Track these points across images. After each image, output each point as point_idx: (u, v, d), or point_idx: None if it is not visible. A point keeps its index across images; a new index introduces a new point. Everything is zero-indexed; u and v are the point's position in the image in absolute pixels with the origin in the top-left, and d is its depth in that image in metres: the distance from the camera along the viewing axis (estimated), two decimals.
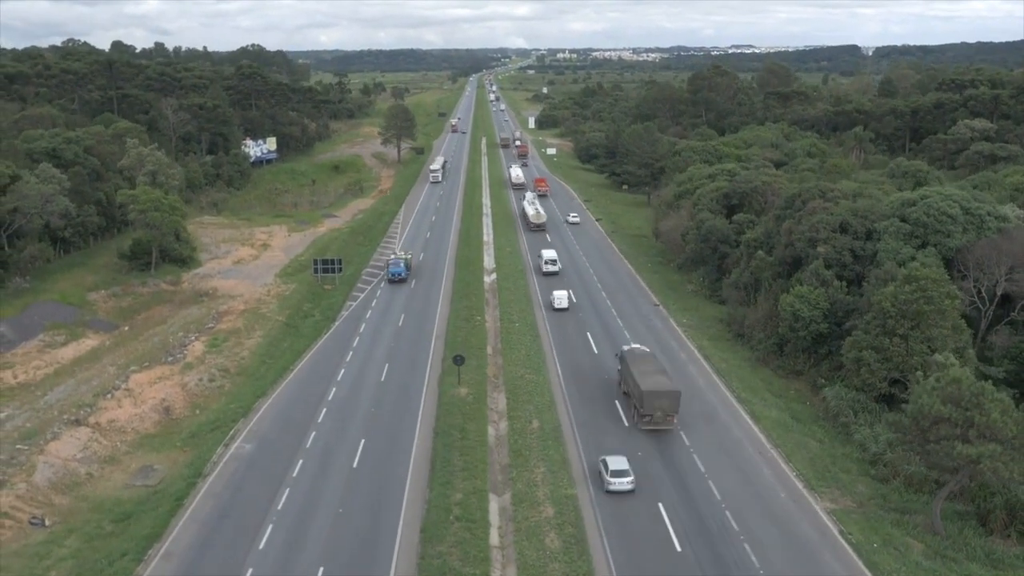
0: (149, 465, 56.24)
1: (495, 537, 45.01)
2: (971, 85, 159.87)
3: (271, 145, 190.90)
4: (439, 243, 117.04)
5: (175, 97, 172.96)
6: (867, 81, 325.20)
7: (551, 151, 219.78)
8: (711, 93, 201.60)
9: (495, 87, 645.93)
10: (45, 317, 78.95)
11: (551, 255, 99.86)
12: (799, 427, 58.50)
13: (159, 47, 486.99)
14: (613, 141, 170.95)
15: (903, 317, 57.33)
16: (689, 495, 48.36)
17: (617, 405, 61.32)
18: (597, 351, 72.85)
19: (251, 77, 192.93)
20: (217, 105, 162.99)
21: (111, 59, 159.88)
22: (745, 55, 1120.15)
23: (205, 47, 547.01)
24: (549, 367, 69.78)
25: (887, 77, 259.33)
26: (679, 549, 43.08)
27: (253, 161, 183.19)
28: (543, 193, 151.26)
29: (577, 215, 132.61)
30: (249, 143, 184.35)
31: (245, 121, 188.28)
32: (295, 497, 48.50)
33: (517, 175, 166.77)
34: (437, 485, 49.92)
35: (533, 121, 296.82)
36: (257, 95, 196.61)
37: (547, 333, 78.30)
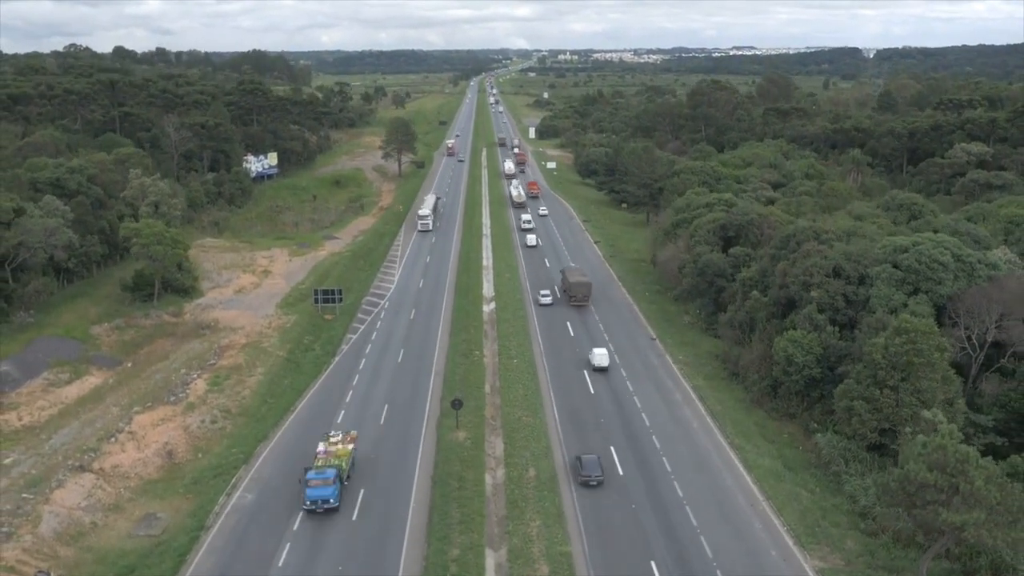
0: (152, 513, 57.22)
1: None
2: (968, 105, 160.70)
3: (272, 160, 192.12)
4: (439, 267, 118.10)
5: (177, 114, 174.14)
6: (867, 91, 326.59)
7: (551, 165, 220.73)
8: (710, 108, 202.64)
9: (495, 90, 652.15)
10: (49, 353, 79.95)
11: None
12: (791, 476, 59.46)
13: (160, 52, 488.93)
14: (613, 159, 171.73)
15: (893, 368, 58.25)
16: (682, 553, 49.32)
17: (612, 450, 62.31)
18: (594, 391, 73.83)
19: (252, 93, 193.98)
20: (219, 123, 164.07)
21: (113, 79, 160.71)
22: (746, 57, 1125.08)
23: (206, 53, 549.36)
24: (546, 408, 70.77)
25: (886, 90, 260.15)
26: None
27: (254, 177, 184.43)
28: (534, 195, 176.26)
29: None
30: (250, 159, 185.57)
31: (246, 137, 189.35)
32: (296, 552, 49.53)
33: (509, 167, 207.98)
34: (435, 540, 50.93)
35: (534, 131, 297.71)
36: (258, 111, 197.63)
37: (544, 371, 79.26)
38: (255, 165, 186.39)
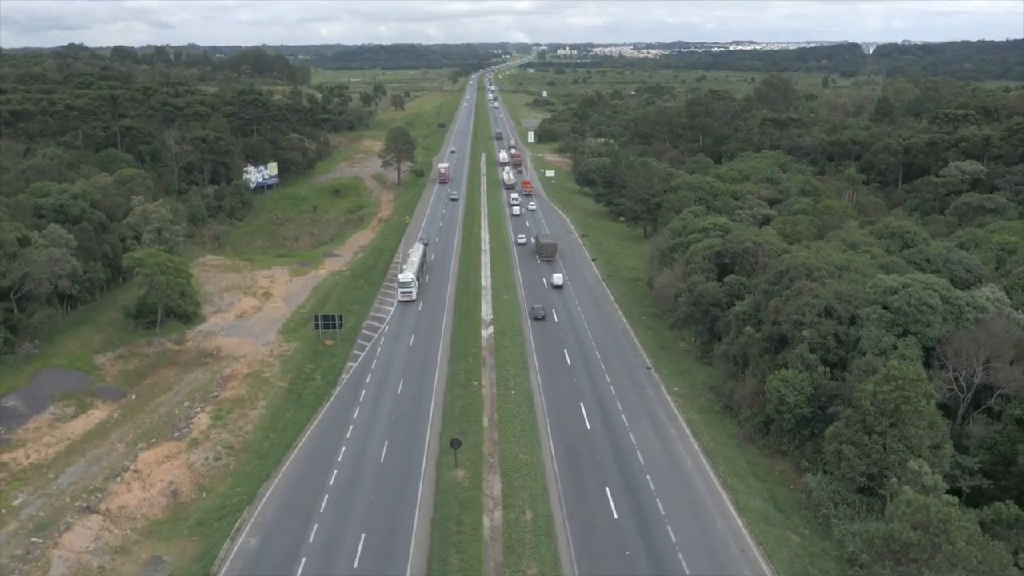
0: (158, 556, 58.67)
1: None
2: (964, 120, 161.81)
3: (272, 171, 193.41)
4: (438, 288, 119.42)
5: (177, 126, 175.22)
6: (865, 93, 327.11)
7: (550, 173, 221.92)
8: (708, 119, 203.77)
9: (493, 86, 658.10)
10: (54, 386, 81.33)
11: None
12: (781, 519, 60.94)
13: (160, 51, 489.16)
14: (611, 171, 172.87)
15: (882, 414, 59.60)
16: None
17: (607, 491, 63.72)
18: (590, 426, 75.22)
19: (252, 104, 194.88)
20: (219, 137, 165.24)
21: (114, 94, 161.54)
22: (745, 52, 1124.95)
23: (205, 50, 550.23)
24: (543, 445, 72.15)
25: (884, 96, 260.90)
26: None
27: (255, 187, 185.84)
28: (528, 193, 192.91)
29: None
30: (250, 169, 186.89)
31: (246, 148, 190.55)
32: None
33: (503, 157, 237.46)
34: None
35: (533, 136, 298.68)
36: (258, 121, 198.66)
37: (542, 403, 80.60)
38: (255, 176, 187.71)
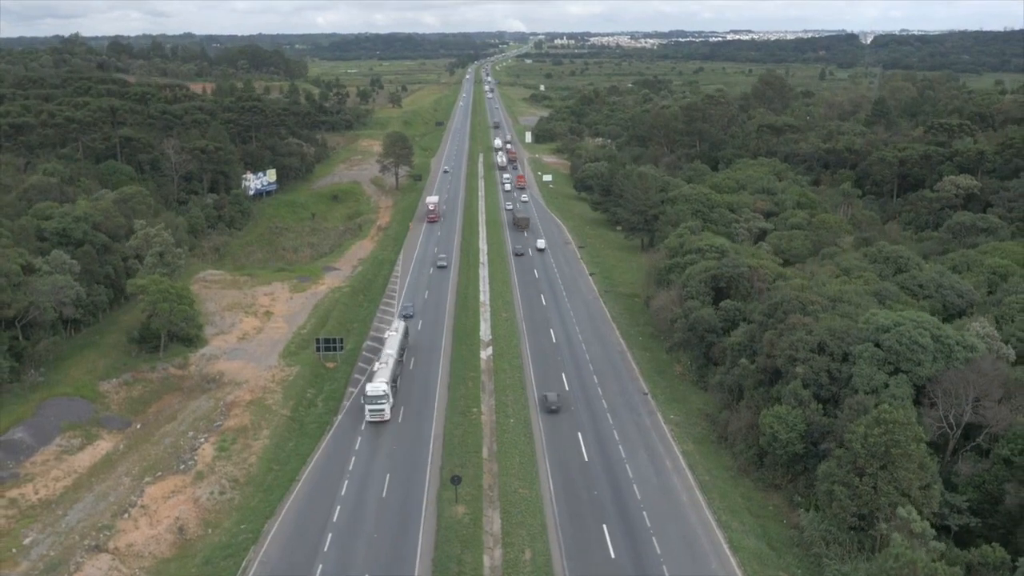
0: None
1: None
2: (959, 131, 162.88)
3: (271, 177, 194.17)
4: (436, 306, 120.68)
5: (176, 134, 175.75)
6: (862, 92, 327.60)
7: (547, 178, 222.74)
8: (705, 124, 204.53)
9: (490, 77, 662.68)
10: (60, 416, 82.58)
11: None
12: (774, 558, 62.53)
13: (156, 46, 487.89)
14: (608, 180, 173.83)
15: (872, 457, 61.09)
16: None
17: (604, 529, 65.23)
18: (587, 458, 76.67)
19: (251, 111, 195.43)
20: (219, 147, 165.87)
21: (113, 105, 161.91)
22: (743, 42, 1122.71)
23: (201, 43, 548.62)
24: (541, 478, 73.53)
25: (880, 97, 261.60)
26: None
27: (254, 194, 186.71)
28: (521, 187, 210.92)
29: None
30: (249, 176, 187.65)
31: (245, 155, 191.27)
32: None
33: (498, 144, 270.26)
34: None
35: (530, 136, 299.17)
36: (256, 127, 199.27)
37: (540, 432, 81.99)
38: (254, 183, 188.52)
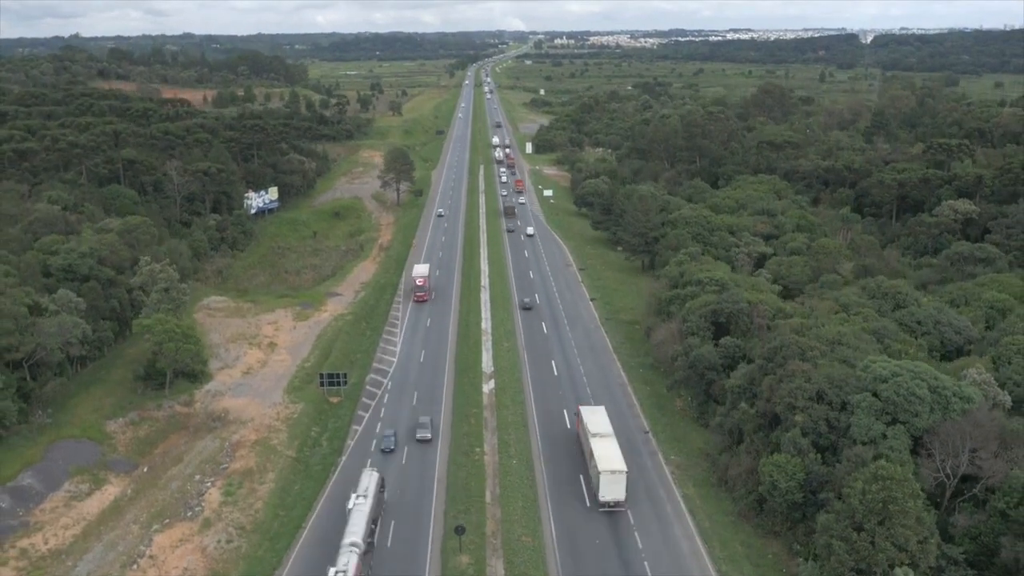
0: None
1: None
2: (958, 152, 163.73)
3: (273, 195, 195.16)
4: (439, 333, 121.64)
5: (178, 155, 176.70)
6: (862, 100, 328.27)
7: (548, 192, 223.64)
8: (705, 140, 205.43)
9: (490, 79, 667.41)
10: (68, 459, 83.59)
11: None
12: None
13: (156, 52, 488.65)
14: (609, 199, 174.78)
15: (870, 512, 62.11)
16: None
17: None
18: (589, 504, 77.64)
19: (252, 129, 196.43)
20: (221, 169, 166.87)
21: (116, 129, 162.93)
22: (743, 42, 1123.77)
23: (202, 52, 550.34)
24: (544, 525, 74.56)
25: (879, 108, 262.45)
26: None
27: (255, 212, 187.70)
28: (519, 191, 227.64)
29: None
30: (251, 195, 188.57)
31: (247, 173, 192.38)
32: None
33: (496, 142, 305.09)
34: None
35: (531, 146, 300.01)
36: (258, 146, 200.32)
37: (543, 474, 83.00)
38: (256, 201, 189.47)
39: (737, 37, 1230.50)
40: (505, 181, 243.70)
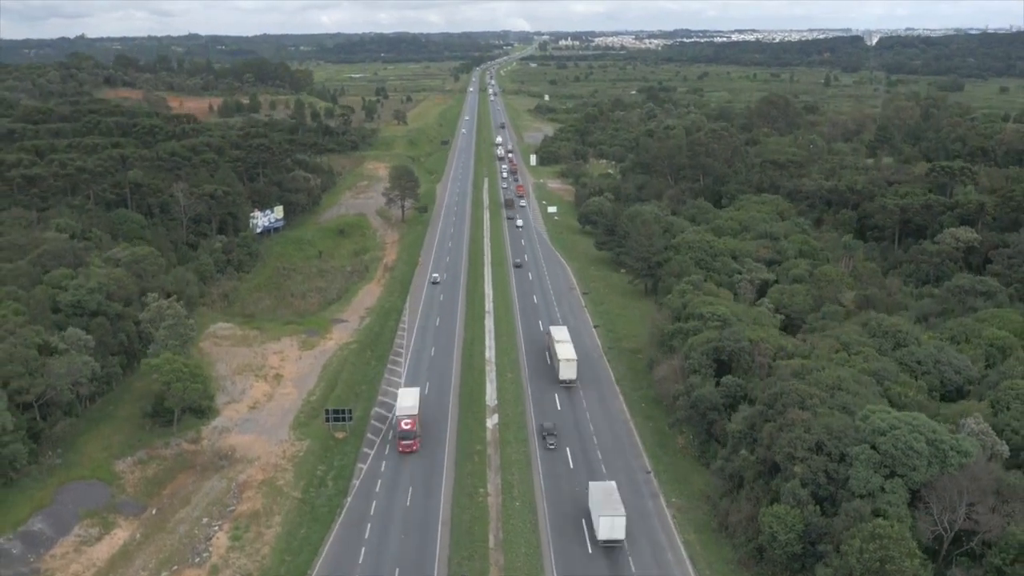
0: None
1: None
2: (960, 175, 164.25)
3: (278, 214, 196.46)
4: (443, 362, 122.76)
5: (184, 176, 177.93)
6: (866, 111, 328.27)
7: (552, 209, 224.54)
8: (708, 159, 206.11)
9: (494, 81, 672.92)
10: (78, 502, 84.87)
11: None
12: None
13: (162, 59, 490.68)
14: (612, 220, 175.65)
15: (868, 571, 63.12)
16: None
17: None
18: (591, 550, 78.66)
19: (258, 148, 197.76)
20: (227, 191, 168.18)
21: (124, 154, 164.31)
22: (748, 43, 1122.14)
23: (208, 58, 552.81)
24: (546, 572, 75.67)
25: (883, 123, 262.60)
26: None
27: (261, 231, 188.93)
28: (520, 195, 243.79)
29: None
30: (257, 214, 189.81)
31: (253, 193, 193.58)
32: None
33: (500, 141, 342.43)
34: None
35: (535, 158, 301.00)
36: (263, 164, 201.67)
37: (545, 517, 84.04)
38: (262, 220, 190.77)
39: (742, 38, 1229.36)
40: (505, 177, 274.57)
